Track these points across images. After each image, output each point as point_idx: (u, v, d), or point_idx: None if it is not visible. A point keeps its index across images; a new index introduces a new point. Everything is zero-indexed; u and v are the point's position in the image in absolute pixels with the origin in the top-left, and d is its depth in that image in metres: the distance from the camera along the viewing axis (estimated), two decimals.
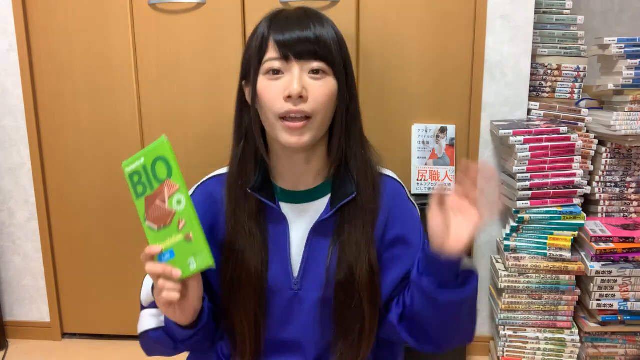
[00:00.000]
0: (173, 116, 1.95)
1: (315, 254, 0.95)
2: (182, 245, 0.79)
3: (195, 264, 0.79)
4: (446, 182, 1.87)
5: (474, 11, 1.80)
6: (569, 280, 1.72)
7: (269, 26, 0.89)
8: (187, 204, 0.78)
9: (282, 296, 0.95)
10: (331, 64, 0.88)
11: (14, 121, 2.03)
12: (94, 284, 2.12)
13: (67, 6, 1.91)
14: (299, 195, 0.97)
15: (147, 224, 0.82)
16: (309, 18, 0.89)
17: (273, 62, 0.87)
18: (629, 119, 1.70)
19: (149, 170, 0.81)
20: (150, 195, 0.80)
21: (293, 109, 0.85)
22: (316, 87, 0.87)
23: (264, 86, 0.88)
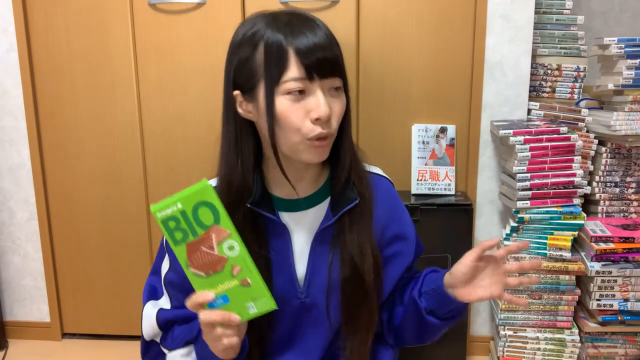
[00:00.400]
0: (173, 116, 1.95)
1: (319, 261, 0.94)
2: (238, 290, 0.78)
3: (256, 308, 0.78)
4: (446, 182, 1.87)
5: (474, 11, 1.80)
6: (569, 280, 1.72)
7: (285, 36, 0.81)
8: (241, 249, 0.76)
9: (290, 306, 0.95)
10: (344, 79, 0.88)
11: (14, 121, 2.03)
12: (94, 284, 2.12)
13: (67, 6, 1.91)
14: (296, 203, 0.96)
15: (191, 270, 0.78)
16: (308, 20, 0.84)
17: (297, 82, 0.81)
18: (629, 119, 1.70)
19: (189, 216, 0.76)
20: (193, 242, 0.77)
21: (323, 132, 0.84)
22: (336, 106, 0.86)
23: (287, 108, 0.82)
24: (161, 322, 0.96)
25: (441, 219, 1.77)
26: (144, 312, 0.99)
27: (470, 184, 1.91)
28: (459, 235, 1.78)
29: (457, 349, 1.86)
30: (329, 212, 0.94)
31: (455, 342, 1.85)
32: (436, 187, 1.88)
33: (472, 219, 1.81)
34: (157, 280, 1.02)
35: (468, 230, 1.79)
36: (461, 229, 1.78)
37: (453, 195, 1.87)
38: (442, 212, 1.77)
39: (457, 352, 1.86)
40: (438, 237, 1.76)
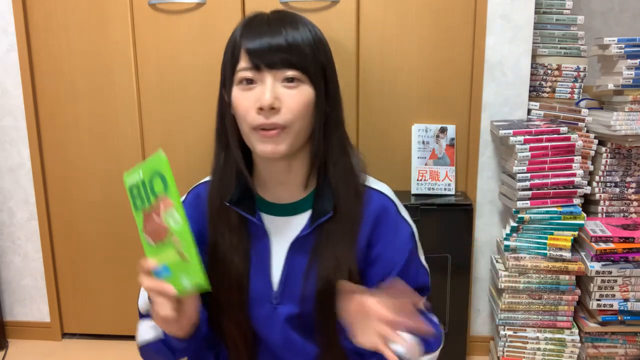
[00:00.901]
0: (173, 116, 1.95)
1: (294, 269, 0.93)
2: (177, 263, 0.78)
3: (190, 284, 0.77)
4: (446, 182, 1.87)
5: (474, 11, 1.80)
6: (569, 280, 1.72)
7: (241, 33, 0.86)
8: (183, 222, 0.76)
9: (263, 309, 0.95)
10: (305, 71, 0.85)
11: (14, 121, 2.03)
12: (94, 284, 2.12)
13: (67, 6, 1.91)
14: (282, 208, 0.95)
15: (144, 236, 0.81)
16: (281, 23, 0.86)
17: (245, 72, 0.84)
18: (629, 119, 1.70)
19: (147, 184, 0.80)
20: (148, 209, 0.80)
21: (266, 122, 0.83)
22: (290, 97, 0.84)
23: (237, 97, 0.86)
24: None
25: (441, 219, 1.77)
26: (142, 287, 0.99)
27: (470, 184, 1.91)
28: (459, 235, 1.78)
29: (457, 349, 1.86)
30: (309, 222, 0.92)
31: (455, 342, 1.85)
32: (436, 187, 1.88)
33: (472, 219, 1.81)
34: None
35: (468, 230, 1.79)
36: (461, 229, 1.78)
37: (453, 195, 1.87)
38: (442, 212, 1.77)
39: (457, 352, 1.86)
40: (438, 237, 1.76)
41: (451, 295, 1.81)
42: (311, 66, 0.85)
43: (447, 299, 1.81)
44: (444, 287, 1.81)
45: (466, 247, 1.82)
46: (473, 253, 1.94)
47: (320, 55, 0.88)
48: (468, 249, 1.84)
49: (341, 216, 0.91)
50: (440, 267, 1.78)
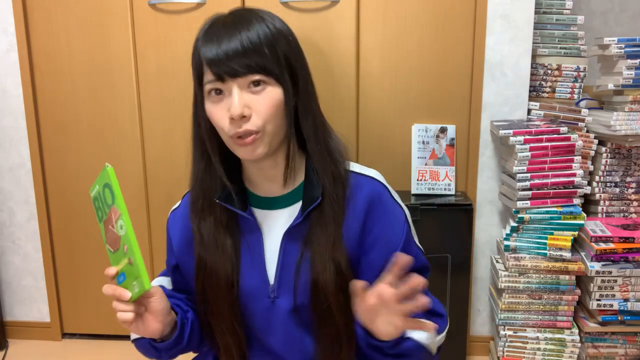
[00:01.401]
0: (173, 116, 1.95)
1: (289, 261, 0.93)
2: (128, 268, 0.82)
3: (137, 287, 0.80)
4: (446, 182, 1.88)
5: (474, 11, 1.80)
6: (569, 280, 1.72)
7: (201, 43, 0.86)
8: (127, 229, 0.80)
9: (261, 304, 0.95)
10: (268, 72, 0.85)
11: (14, 121, 2.03)
12: (94, 284, 2.12)
13: (67, 6, 1.91)
14: (272, 201, 0.96)
15: (107, 246, 0.86)
16: (236, 26, 0.85)
17: (210, 84, 0.85)
18: (629, 119, 1.70)
19: (101, 196, 0.84)
20: (106, 220, 0.84)
21: (239, 131, 0.84)
22: (258, 102, 0.84)
23: (210, 109, 0.87)
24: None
25: (441, 219, 1.77)
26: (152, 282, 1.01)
27: (470, 184, 1.91)
28: (459, 235, 1.78)
29: (457, 349, 1.86)
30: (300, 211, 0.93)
31: (455, 342, 1.85)
32: (436, 187, 1.88)
33: (472, 219, 1.81)
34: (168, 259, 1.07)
35: (468, 230, 1.79)
36: (461, 229, 1.78)
37: (453, 195, 1.87)
38: (442, 212, 1.78)
39: (457, 352, 1.86)
40: (438, 237, 1.76)
41: (451, 295, 1.81)
42: (273, 66, 0.85)
43: (447, 299, 1.81)
44: (444, 287, 1.81)
45: (466, 247, 1.82)
46: (473, 253, 1.94)
47: (282, 49, 0.87)
48: (468, 249, 1.84)
49: (327, 201, 0.91)
50: (440, 267, 1.78)
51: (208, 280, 0.94)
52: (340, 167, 0.94)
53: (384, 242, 0.94)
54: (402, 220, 0.96)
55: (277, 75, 0.86)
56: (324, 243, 0.90)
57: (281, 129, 0.89)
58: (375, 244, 0.94)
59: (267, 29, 0.86)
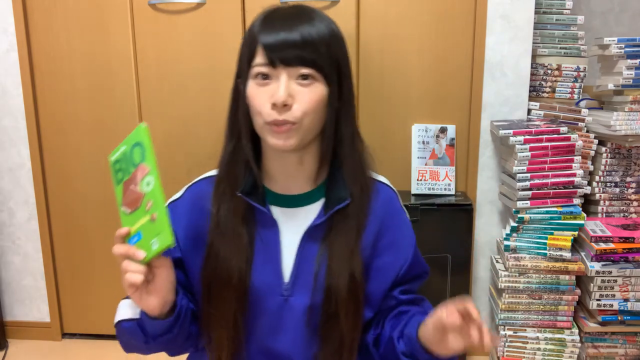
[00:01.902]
0: (173, 116, 1.95)
1: (306, 259, 0.93)
2: (148, 226, 0.79)
3: (158, 243, 0.77)
4: (446, 182, 1.87)
5: (474, 11, 1.80)
6: (569, 280, 1.72)
7: (259, 28, 0.87)
8: (155, 184, 0.78)
9: (272, 302, 0.94)
10: (320, 69, 0.86)
11: (14, 121, 2.03)
12: (94, 284, 2.12)
13: (67, 6, 1.91)
14: (291, 199, 0.96)
15: (122, 208, 0.82)
16: (298, 18, 0.86)
17: (260, 67, 0.86)
18: (629, 119, 1.70)
19: (128, 156, 0.82)
20: (127, 180, 0.82)
21: (278, 118, 0.85)
22: (303, 94, 0.85)
23: (252, 91, 0.87)
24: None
25: (441, 219, 1.77)
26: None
27: (470, 184, 1.91)
28: (459, 235, 1.78)
29: None
30: (322, 210, 0.93)
31: None
32: (436, 187, 1.88)
33: (472, 219, 1.81)
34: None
35: (468, 230, 1.79)
36: (461, 229, 1.78)
37: (453, 195, 1.87)
38: (442, 212, 1.78)
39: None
40: (438, 237, 1.76)
41: (451, 295, 1.81)
42: (325, 64, 0.87)
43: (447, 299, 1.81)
44: (444, 287, 1.81)
45: (466, 247, 1.82)
46: (473, 253, 1.94)
47: (336, 52, 0.90)
48: (468, 249, 1.84)
49: (354, 207, 0.93)
50: (440, 267, 1.78)
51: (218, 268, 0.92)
52: (367, 176, 0.97)
53: (395, 248, 0.96)
54: (410, 226, 1.00)
55: (327, 74, 0.87)
56: (343, 249, 0.91)
57: (316, 126, 0.90)
58: (388, 249, 0.96)
59: (326, 30, 0.88)
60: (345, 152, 0.93)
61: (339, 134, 0.93)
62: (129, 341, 0.92)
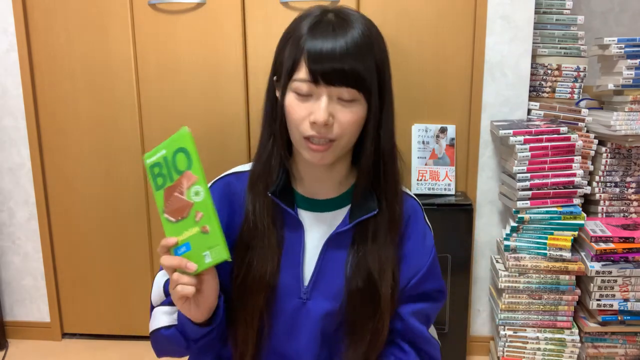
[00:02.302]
0: (173, 116, 1.95)
1: (328, 264, 0.93)
2: (198, 237, 0.78)
3: (211, 257, 0.77)
4: (446, 182, 1.87)
5: (474, 11, 1.80)
6: (569, 280, 1.72)
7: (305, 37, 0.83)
8: (205, 195, 0.77)
9: (290, 304, 0.94)
10: (362, 87, 0.84)
11: (14, 121, 2.03)
12: (94, 284, 2.12)
13: (67, 6, 1.91)
14: (319, 203, 0.96)
15: (165, 216, 0.80)
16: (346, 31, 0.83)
17: (302, 83, 0.83)
18: (629, 119, 1.70)
19: (169, 161, 0.79)
20: (170, 187, 0.79)
21: (317, 135, 0.84)
22: (344, 114, 0.84)
23: (292, 104, 0.85)
24: (167, 290, 0.94)
25: (441, 219, 1.77)
26: (155, 279, 0.98)
27: (470, 184, 1.91)
28: (459, 235, 1.78)
29: (457, 349, 1.86)
30: (347, 218, 0.93)
31: (455, 342, 1.85)
32: (436, 187, 1.88)
33: (472, 219, 1.81)
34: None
35: (468, 230, 1.79)
36: (461, 229, 1.78)
37: (453, 195, 1.87)
38: (442, 212, 1.78)
39: (457, 352, 1.86)
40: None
41: (451, 295, 1.81)
42: (368, 79, 0.84)
43: (447, 299, 1.81)
44: None
45: (466, 247, 1.82)
46: (473, 253, 1.94)
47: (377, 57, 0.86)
48: (468, 249, 1.84)
49: (384, 216, 0.92)
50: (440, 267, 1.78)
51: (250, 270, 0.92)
52: (400, 187, 0.96)
53: (412, 260, 0.95)
54: (432, 242, 0.99)
55: (369, 90, 0.85)
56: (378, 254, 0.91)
57: (352, 142, 0.89)
58: (404, 259, 0.95)
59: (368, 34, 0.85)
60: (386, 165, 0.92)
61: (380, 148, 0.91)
62: (166, 347, 0.93)
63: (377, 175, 0.92)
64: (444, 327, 1.83)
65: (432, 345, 0.99)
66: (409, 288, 0.95)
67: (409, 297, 0.96)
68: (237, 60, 1.88)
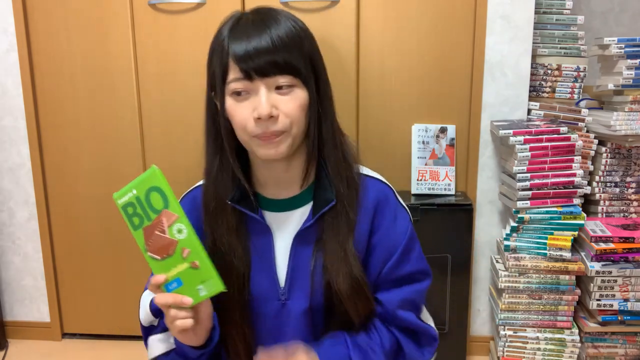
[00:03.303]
0: (173, 116, 1.95)
1: (300, 262, 0.93)
2: (188, 273, 0.80)
3: (206, 290, 0.79)
4: (446, 182, 1.87)
5: (474, 11, 1.80)
6: (569, 280, 1.72)
7: (228, 40, 0.85)
8: (189, 232, 0.79)
9: (270, 307, 0.94)
10: (297, 74, 0.84)
11: (14, 121, 2.03)
12: (94, 284, 2.12)
13: (67, 6, 1.91)
14: (282, 203, 0.95)
15: (148, 254, 0.81)
16: (265, 23, 0.84)
17: (237, 83, 0.84)
18: (629, 119, 1.70)
19: (143, 201, 0.80)
20: (149, 226, 0.80)
21: (266, 131, 0.84)
22: (285, 102, 0.84)
23: (232, 108, 0.86)
24: (154, 310, 0.96)
25: (441, 219, 1.77)
26: (142, 298, 0.99)
27: (470, 184, 1.91)
28: (459, 235, 1.78)
29: (457, 349, 1.86)
30: (311, 213, 0.93)
31: (455, 342, 1.85)
32: (436, 187, 1.88)
33: (472, 219, 1.81)
34: None
35: (468, 230, 1.79)
36: (461, 229, 1.78)
37: (453, 195, 1.87)
38: (442, 212, 1.78)
39: (457, 352, 1.86)
40: (438, 237, 1.76)
41: (451, 295, 1.81)
42: (301, 66, 0.85)
43: (447, 299, 1.81)
44: (444, 287, 1.81)
45: (466, 247, 1.82)
46: (473, 253, 1.94)
47: (308, 50, 0.87)
48: (468, 249, 1.84)
49: (341, 205, 0.91)
50: (440, 267, 1.78)
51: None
52: (353, 171, 0.95)
53: (385, 245, 0.94)
54: (405, 224, 0.96)
55: (304, 77, 0.86)
56: (337, 247, 0.90)
57: (303, 129, 0.89)
58: (378, 245, 0.94)
59: (294, 29, 0.86)
60: (329, 149, 0.92)
61: (322, 133, 0.91)
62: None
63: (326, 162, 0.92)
64: (444, 327, 1.83)
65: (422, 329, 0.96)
66: (385, 273, 0.94)
67: (388, 282, 0.94)
68: None
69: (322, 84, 0.91)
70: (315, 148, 0.91)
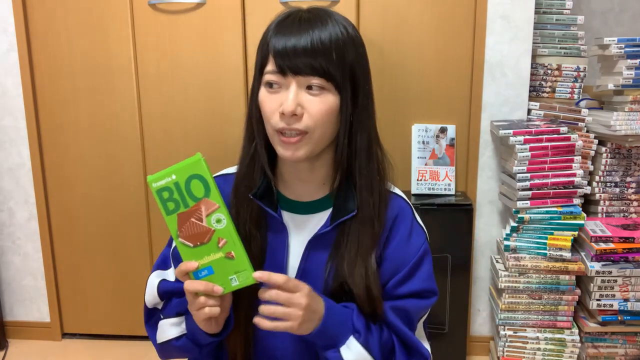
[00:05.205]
0: (173, 116, 1.95)
1: (311, 266, 0.93)
2: (222, 262, 0.81)
3: (238, 281, 0.81)
4: (446, 182, 1.88)
5: (474, 11, 1.80)
6: (569, 280, 1.72)
7: (272, 33, 0.86)
8: (228, 222, 0.79)
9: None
10: (330, 78, 0.84)
11: (14, 121, 2.03)
12: (94, 284, 2.12)
13: (67, 6, 1.91)
14: (302, 206, 0.96)
15: (180, 240, 0.81)
16: (311, 23, 0.85)
17: (271, 75, 0.85)
18: (629, 119, 1.70)
19: (182, 187, 0.80)
20: (184, 212, 0.80)
21: (287, 127, 0.84)
22: (313, 104, 0.84)
23: (263, 98, 0.87)
24: (161, 292, 0.96)
25: (441, 219, 1.77)
26: (149, 279, 0.99)
27: (470, 184, 1.91)
28: (459, 235, 1.78)
29: (457, 349, 1.86)
30: (329, 220, 0.93)
31: (455, 342, 1.85)
32: (436, 187, 1.88)
33: (472, 219, 1.81)
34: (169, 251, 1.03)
35: (468, 230, 1.79)
36: (461, 229, 1.78)
37: (453, 195, 1.87)
38: (442, 212, 1.78)
39: (457, 352, 1.86)
40: (438, 237, 1.76)
41: (451, 295, 1.81)
42: (337, 72, 0.85)
43: (447, 299, 1.81)
44: (444, 287, 1.81)
45: (466, 247, 1.82)
46: (473, 253, 1.94)
47: (350, 58, 0.87)
48: (468, 249, 1.84)
49: (364, 217, 0.91)
50: (440, 267, 1.78)
51: None
52: (384, 188, 0.95)
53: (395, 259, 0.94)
54: (419, 243, 0.95)
55: (338, 82, 0.85)
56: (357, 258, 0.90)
57: (328, 136, 0.89)
58: (388, 259, 0.94)
59: (340, 34, 0.86)
60: (361, 163, 0.92)
61: (354, 144, 0.91)
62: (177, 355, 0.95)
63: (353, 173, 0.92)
64: (444, 327, 1.83)
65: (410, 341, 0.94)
66: (389, 287, 0.94)
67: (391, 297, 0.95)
68: (237, 60, 1.88)
69: (361, 95, 0.90)
70: (343, 156, 0.91)
